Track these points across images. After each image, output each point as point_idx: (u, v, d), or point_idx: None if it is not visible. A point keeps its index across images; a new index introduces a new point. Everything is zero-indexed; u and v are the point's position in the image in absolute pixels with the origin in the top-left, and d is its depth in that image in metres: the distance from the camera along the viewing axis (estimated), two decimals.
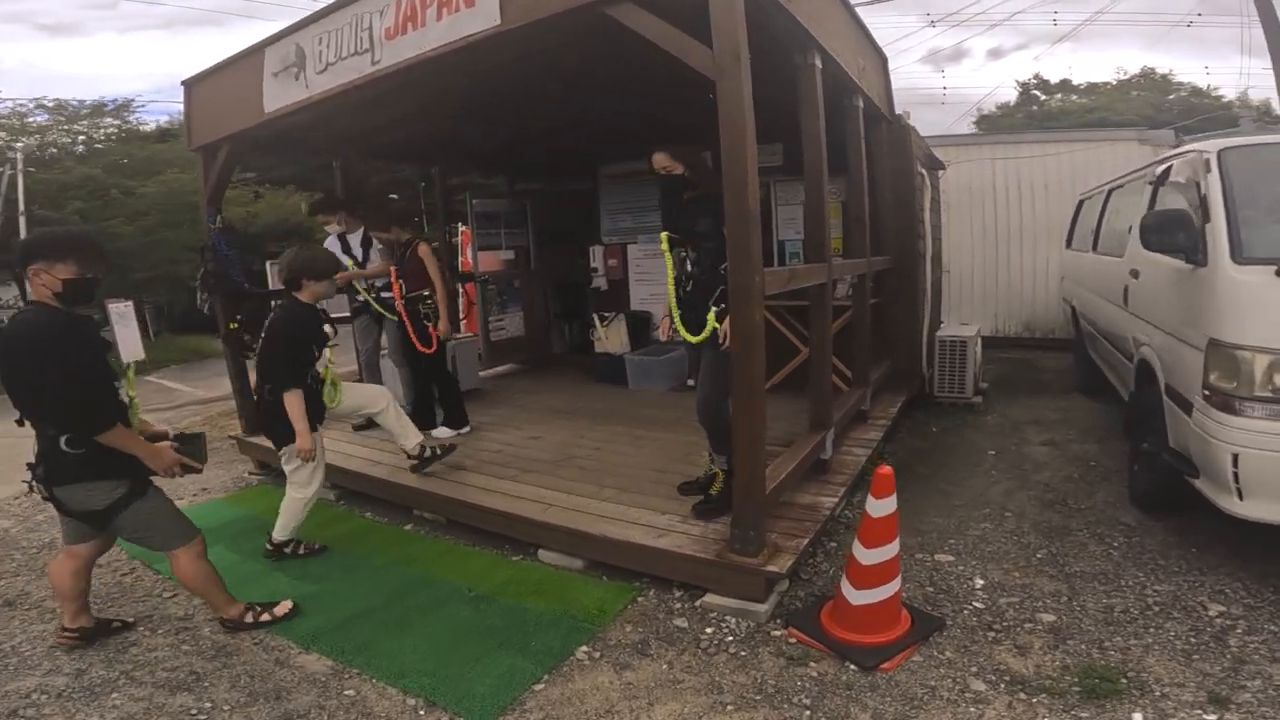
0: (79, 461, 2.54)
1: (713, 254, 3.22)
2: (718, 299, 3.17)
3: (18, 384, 2.49)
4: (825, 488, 3.76)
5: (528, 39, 3.17)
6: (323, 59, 3.91)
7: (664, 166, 3.35)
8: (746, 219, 2.69)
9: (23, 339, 2.46)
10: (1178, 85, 23.19)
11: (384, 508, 4.38)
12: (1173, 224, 3.13)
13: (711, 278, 3.25)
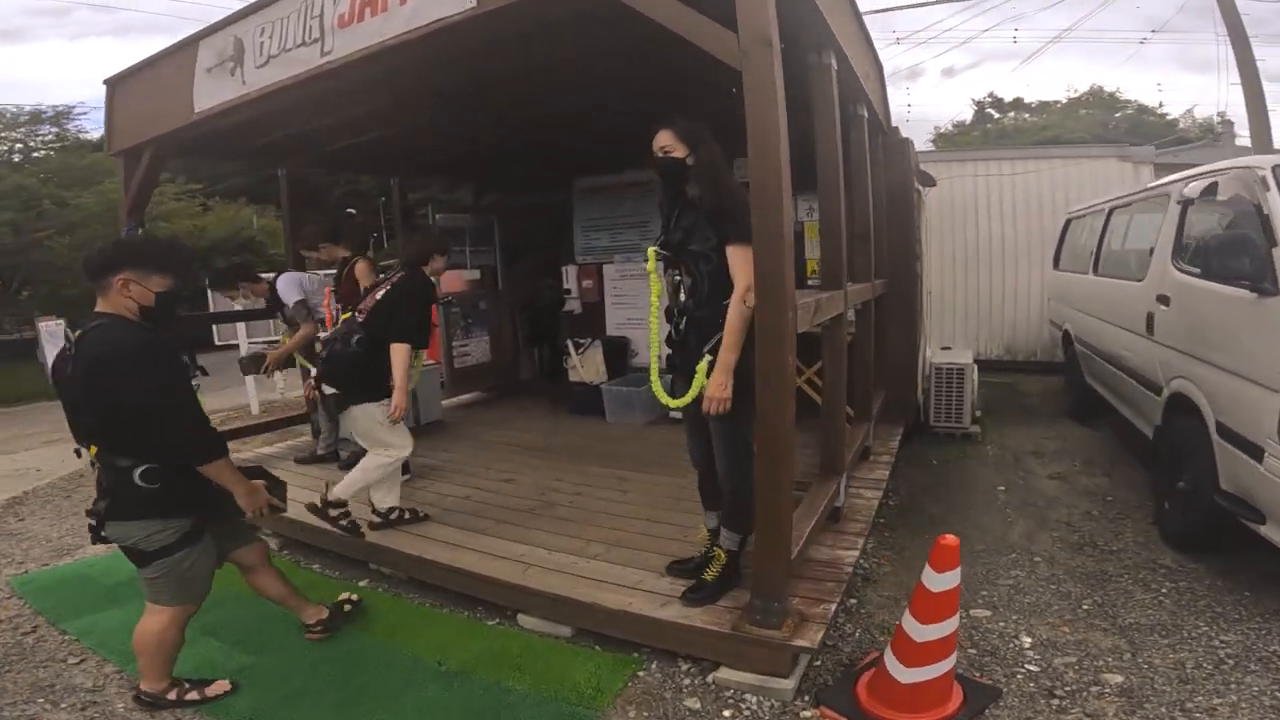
0: (150, 497, 2.34)
1: (712, 279, 2.57)
2: (717, 343, 2.52)
3: (110, 408, 2.25)
4: (842, 539, 3.34)
5: (508, 24, 2.73)
6: (264, 51, 3.41)
7: (664, 147, 2.61)
8: (779, 239, 2.24)
9: (125, 359, 2.24)
10: (1125, 103, 24.09)
11: (335, 559, 3.83)
12: (1236, 248, 2.84)
13: (710, 313, 2.57)
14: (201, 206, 19.09)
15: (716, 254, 2.53)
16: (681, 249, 2.64)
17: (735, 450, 2.66)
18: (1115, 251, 5.19)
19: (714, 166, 2.57)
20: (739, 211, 2.42)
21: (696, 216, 2.60)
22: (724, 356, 2.46)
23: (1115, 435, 5.57)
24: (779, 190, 2.20)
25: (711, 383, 2.48)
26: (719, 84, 2.45)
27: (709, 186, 2.55)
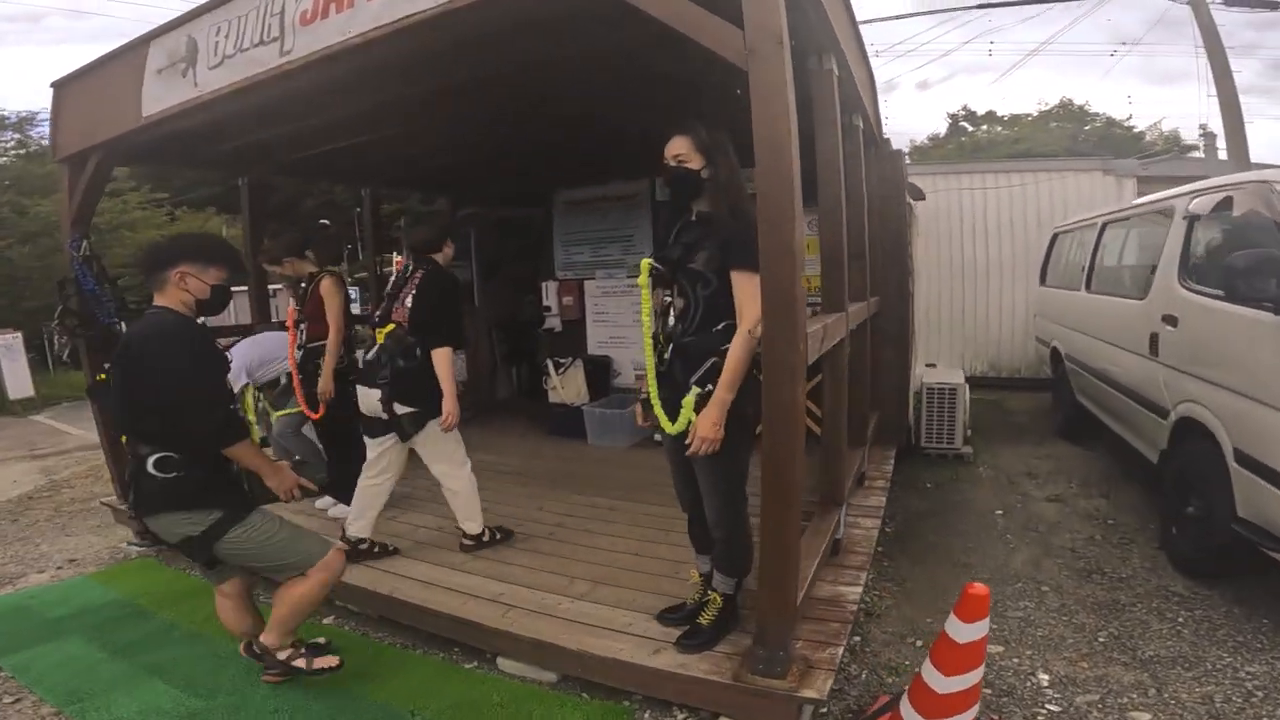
0: (169, 487, 2.32)
1: (708, 303, 2.33)
2: (705, 375, 2.27)
3: (140, 389, 2.29)
4: (843, 573, 3.13)
5: (486, 21, 2.51)
6: (218, 52, 3.15)
7: (678, 156, 2.34)
8: (789, 260, 2.01)
9: (159, 339, 2.30)
10: (1093, 116, 24.61)
11: None
12: (1264, 269, 2.67)
13: (701, 341, 2.34)
14: (168, 216, 18.58)
15: (717, 278, 2.29)
16: (679, 266, 2.38)
17: (725, 492, 2.41)
18: (1110, 268, 5.08)
19: (732, 184, 2.32)
20: (753, 236, 2.15)
21: (701, 233, 2.35)
22: (721, 395, 2.21)
23: (1108, 454, 5.48)
24: (790, 204, 1.98)
25: (703, 421, 2.21)
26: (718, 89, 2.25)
27: (724, 206, 2.32)
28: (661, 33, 2.08)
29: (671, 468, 2.61)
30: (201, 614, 3.27)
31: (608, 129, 4.47)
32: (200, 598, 3.51)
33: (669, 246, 2.46)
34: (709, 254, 2.30)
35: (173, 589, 3.70)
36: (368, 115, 3.74)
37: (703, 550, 2.70)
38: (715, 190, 2.32)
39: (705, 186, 2.34)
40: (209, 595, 3.34)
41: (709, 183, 2.33)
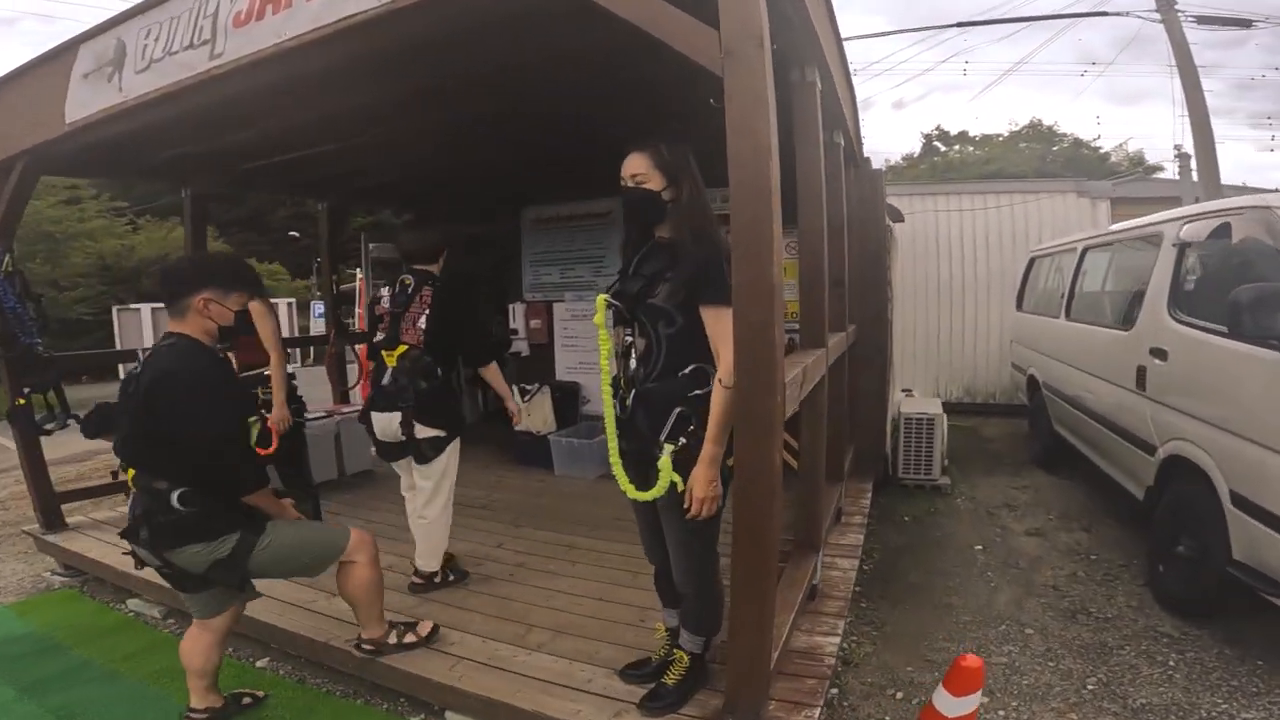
0: (193, 521, 2.25)
1: (671, 344, 2.07)
2: (674, 429, 2.01)
3: (166, 427, 2.20)
4: (820, 621, 2.92)
5: (438, 21, 2.30)
6: (146, 55, 2.92)
7: (636, 175, 2.10)
8: (768, 294, 1.78)
9: (192, 378, 2.23)
10: (1062, 136, 25.19)
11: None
12: (1272, 304, 2.50)
13: (665, 387, 2.07)
14: (130, 225, 18.08)
15: (683, 315, 2.03)
16: (638, 301, 2.10)
17: (698, 552, 2.19)
18: (1091, 295, 4.98)
19: (696, 206, 2.09)
20: (724, 268, 1.93)
21: (665, 263, 2.08)
22: (710, 450, 1.94)
23: (1086, 485, 5.39)
24: (769, 230, 1.75)
25: (698, 481, 1.95)
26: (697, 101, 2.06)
27: (688, 231, 2.06)
28: (632, 35, 1.88)
29: (637, 520, 2.38)
30: (120, 652, 3.07)
31: (578, 142, 4.26)
32: (121, 634, 3.29)
33: (627, 278, 2.18)
34: (672, 287, 2.03)
35: (94, 624, 3.45)
36: (315, 125, 3.51)
37: (670, 604, 2.47)
38: (680, 213, 2.08)
39: (667, 209, 2.09)
40: (131, 632, 3.23)
41: (672, 205, 2.08)
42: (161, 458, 2.25)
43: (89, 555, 3.91)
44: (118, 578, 3.71)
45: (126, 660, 3.03)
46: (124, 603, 3.64)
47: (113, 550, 3.97)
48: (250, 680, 2.94)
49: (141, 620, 3.47)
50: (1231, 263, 3.09)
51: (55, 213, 15.85)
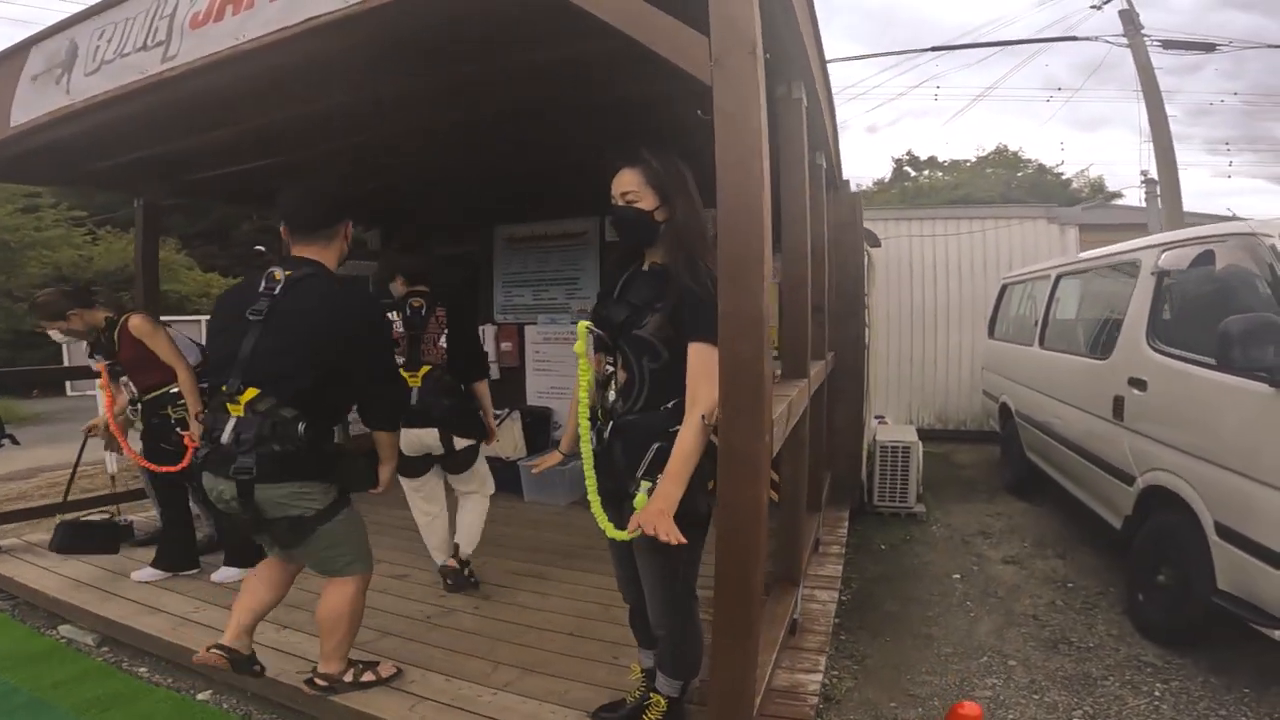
0: (308, 457, 2.19)
1: (655, 379, 1.94)
2: (652, 466, 1.86)
3: (366, 360, 2.31)
4: (801, 658, 2.80)
5: (407, 26, 2.20)
6: (98, 56, 2.79)
7: (627, 193, 1.97)
8: (758, 327, 1.65)
9: (381, 313, 2.44)
10: (1026, 162, 25.91)
11: (165, 664, 3.07)
12: (1262, 337, 2.46)
13: (645, 421, 1.94)
14: (89, 236, 17.54)
15: (668, 349, 1.90)
16: (623, 331, 1.96)
17: (673, 594, 2.03)
18: (1065, 322, 4.99)
19: (690, 227, 1.95)
20: (714, 300, 1.78)
21: (653, 291, 1.95)
22: (667, 488, 1.76)
23: (1059, 512, 5.39)
24: (759, 257, 1.62)
25: (646, 510, 1.76)
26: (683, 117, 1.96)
27: (682, 256, 1.92)
28: (614, 42, 1.78)
29: (612, 556, 2.23)
30: (49, 679, 2.91)
31: (553, 158, 4.16)
32: (51, 661, 3.11)
33: (612, 304, 2.03)
34: (660, 319, 1.90)
35: (22, 650, 3.25)
36: (273, 134, 3.36)
37: (646, 644, 2.31)
38: (674, 237, 1.95)
39: (660, 231, 1.97)
40: (61, 659, 3.08)
41: (664, 226, 1.96)
42: (302, 384, 2.18)
43: (20, 580, 3.68)
44: (50, 603, 3.50)
45: (55, 688, 2.85)
46: (55, 628, 3.43)
47: (47, 574, 3.74)
48: (192, 714, 2.75)
49: (73, 647, 3.27)
50: (1214, 292, 3.08)
51: (11, 221, 15.34)
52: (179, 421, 3.57)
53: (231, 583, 3.51)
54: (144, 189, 4.53)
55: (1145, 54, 9.15)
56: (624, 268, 2.09)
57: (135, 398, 3.59)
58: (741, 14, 1.60)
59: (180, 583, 3.62)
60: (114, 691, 2.87)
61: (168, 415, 3.56)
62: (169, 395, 3.56)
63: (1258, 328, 2.49)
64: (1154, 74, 8.99)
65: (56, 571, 3.76)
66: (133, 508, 4.87)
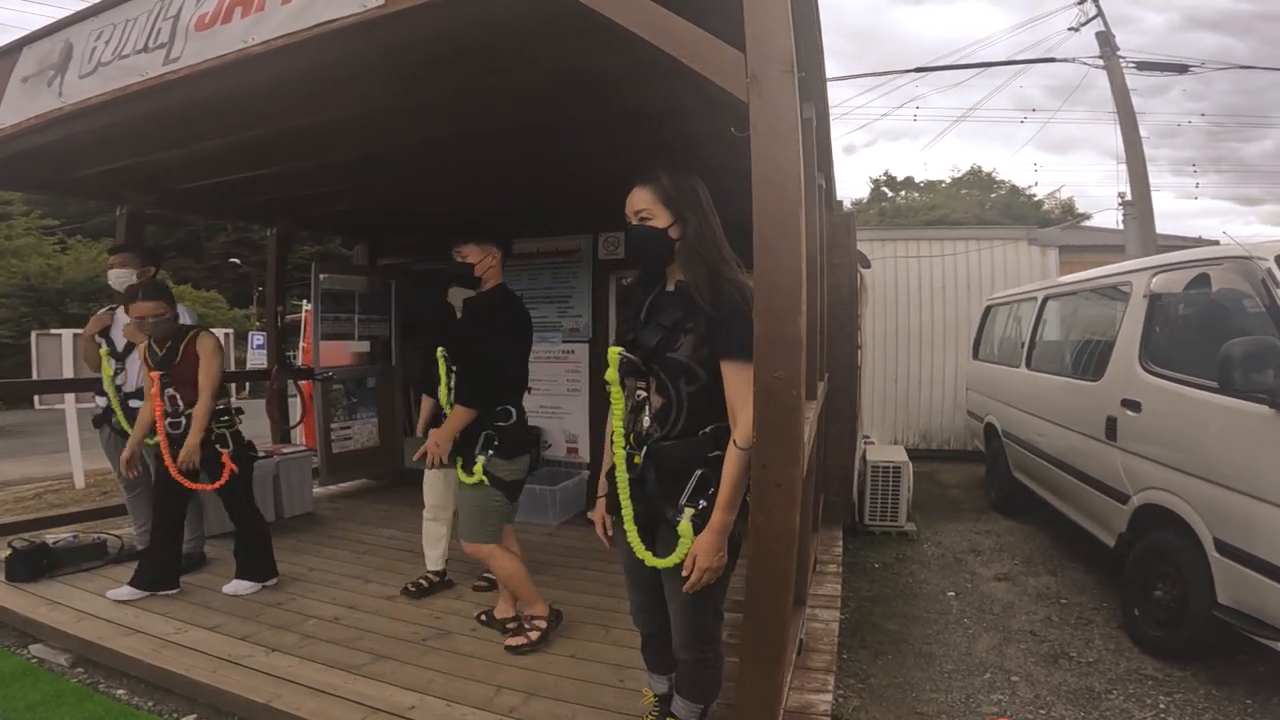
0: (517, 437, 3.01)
1: (693, 402, 1.87)
2: (694, 492, 1.83)
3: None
4: (810, 677, 2.76)
5: (422, 35, 2.17)
6: (94, 58, 2.71)
7: (640, 212, 1.91)
8: (794, 352, 1.62)
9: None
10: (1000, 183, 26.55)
11: (146, 686, 2.93)
12: (1264, 359, 2.50)
13: (683, 448, 1.87)
14: (59, 245, 17.16)
15: (706, 371, 1.84)
16: (656, 355, 1.88)
17: (703, 615, 1.97)
18: (1053, 344, 5.06)
19: (708, 244, 1.89)
20: (747, 315, 1.74)
21: (684, 312, 1.87)
22: (721, 518, 1.76)
23: (1045, 529, 5.45)
24: (797, 278, 1.60)
25: (705, 549, 1.76)
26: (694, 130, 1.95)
27: (701, 273, 1.86)
28: (634, 55, 1.78)
29: (629, 583, 2.13)
30: (22, 701, 2.78)
31: (549, 174, 4.12)
32: (23, 682, 2.96)
33: (642, 328, 1.94)
34: (695, 339, 1.83)
35: None
36: (270, 143, 3.29)
37: (659, 669, 2.23)
38: (691, 254, 1.89)
39: (676, 249, 1.91)
40: (33, 680, 2.97)
41: (680, 244, 1.90)
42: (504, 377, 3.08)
43: None
44: (21, 622, 3.34)
45: (31, 710, 2.72)
46: (27, 648, 3.27)
47: (16, 592, 3.58)
48: None
49: (45, 668, 3.11)
50: (1209, 315, 3.12)
51: None
52: (219, 438, 3.56)
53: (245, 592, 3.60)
54: (129, 198, 4.42)
55: (1121, 76, 9.34)
56: (648, 290, 2.02)
57: (179, 411, 3.52)
58: (778, 29, 1.59)
59: (158, 602, 3.49)
60: (93, 715, 2.73)
61: (209, 430, 3.52)
62: (215, 414, 3.56)
63: (1259, 351, 2.53)
64: (1129, 97, 9.21)
65: (26, 589, 3.60)
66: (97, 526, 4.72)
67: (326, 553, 4.39)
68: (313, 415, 6.06)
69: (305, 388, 6.21)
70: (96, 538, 4.17)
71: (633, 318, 2.01)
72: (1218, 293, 3.00)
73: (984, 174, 27.13)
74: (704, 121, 1.83)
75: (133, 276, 3.77)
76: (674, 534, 1.80)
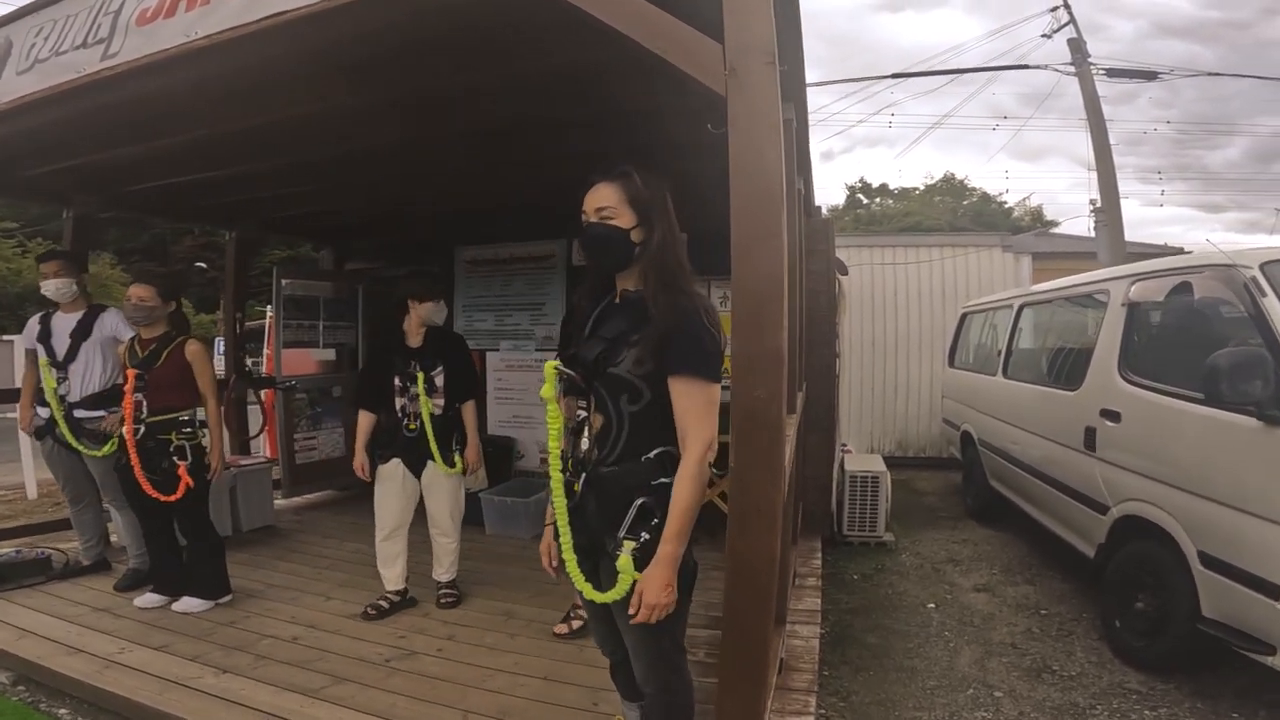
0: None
1: (635, 422, 1.71)
2: (634, 524, 1.66)
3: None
4: (790, 699, 2.66)
5: (380, 27, 2.05)
6: (32, 55, 2.61)
7: (603, 210, 1.73)
8: (775, 368, 1.54)
9: None
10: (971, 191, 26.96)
11: (88, 707, 2.80)
12: (1251, 370, 2.45)
13: (625, 473, 1.71)
14: (19, 249, 16.64)
15: (650, 387, 1.67)
16: (597, 369, 1.73)
17: (660, 648, 1.81)
18: (1029, 352, 5.04)
19: (669, 253, 1.72)
20: (701, 329, 1.62)
21: (630, 324, 1.71)
22: (668, 549, 1.60)
23: (1022, 538, 5.44)
24: (778, 280, 1.51)
25: (651, 585, 1.59)
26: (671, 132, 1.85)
27: (662, 282, 1.69)
28: (611, 51, 1.67)
29: (589, 613, 2.02)
30: None
31: (519, 176, 4.01)
32: None
33: (584, 341, 1.80)
34: (638, 354, 1.67)
35: None
36: (223, 142, 3.15)
37: (630, 697, 2.09)
38: (653, 261, 1.71)
39: (637, 254, 1.72)
40: None
41: (639, 249, 1.72)
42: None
43: None
44: None
45: None
46: None
47: None
48: None
49: None
50: (1191, 324, 3.09)
51: None
52: (177, 450, 3.40)
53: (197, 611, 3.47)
54: (76, 200, 4.22)
55: (1091, 83, 9.43)
56: (596, 300, 1.86)
57: (144, 415, 3.37)
58: (759, 18, 1.49)
59: (104, 620, 3.35)
60: None
61: (169, 440, 3.38)
62: (177, 421, 3.42)
63: (1246, 361, 2.49)
64: (1100, 105, 9.30)
65: None
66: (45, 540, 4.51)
67: (286, 568, 4.22)
68: (274, 425, 5.86)
69: (267, 396, 6.00)
70: (41, 553, 4.04)
71: (577, 330, 1.87)
72: (1199, 301, 2.96)
73: (957, 181, 27.59)
74: (681, 123, 1.72)
75: (72, 285, 3.70)
76: (615, 568, 1.65)
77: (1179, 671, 3.17)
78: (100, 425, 3.59)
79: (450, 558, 3.65)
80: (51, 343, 3.71)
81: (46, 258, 3.78)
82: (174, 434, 3.40)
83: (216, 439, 3.56)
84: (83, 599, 3.60)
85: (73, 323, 3.73)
